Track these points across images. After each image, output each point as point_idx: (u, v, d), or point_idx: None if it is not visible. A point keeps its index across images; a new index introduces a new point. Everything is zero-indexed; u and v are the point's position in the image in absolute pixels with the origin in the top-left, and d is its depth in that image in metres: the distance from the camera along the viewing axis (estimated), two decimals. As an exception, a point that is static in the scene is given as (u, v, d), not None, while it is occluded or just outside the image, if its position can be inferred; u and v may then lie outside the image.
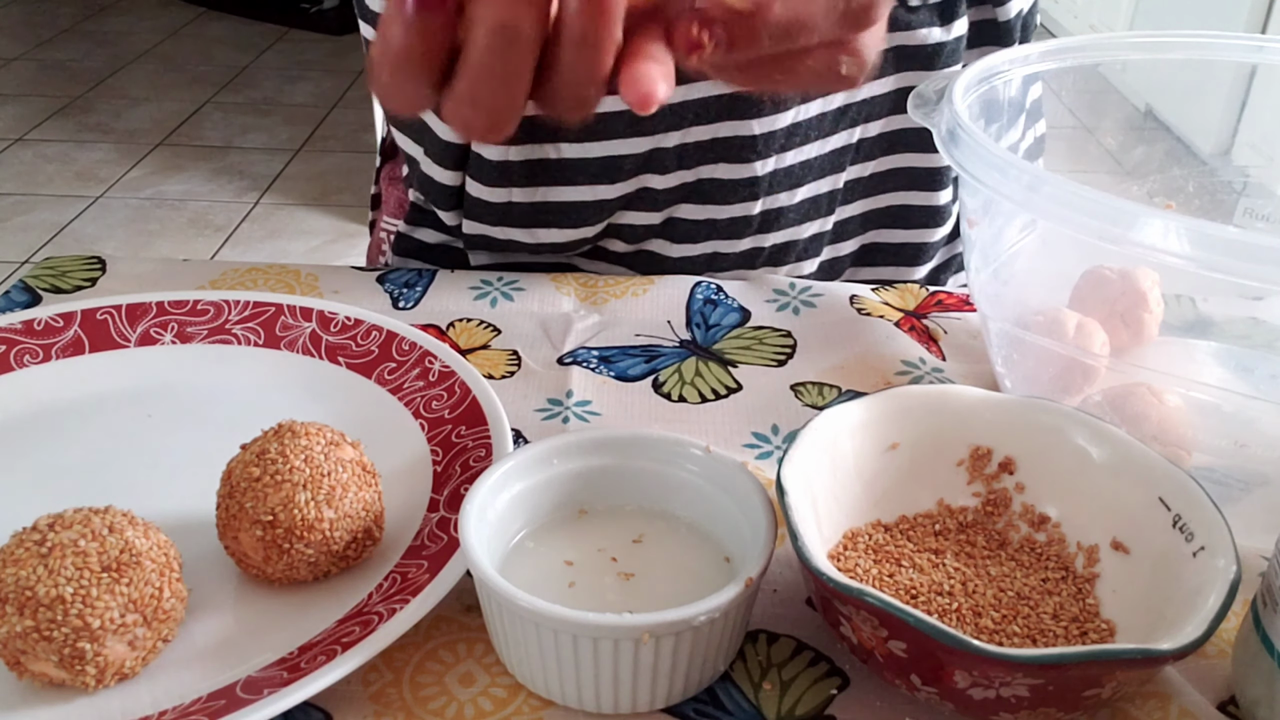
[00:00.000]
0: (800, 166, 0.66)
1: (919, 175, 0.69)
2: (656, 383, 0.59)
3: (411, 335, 0.58)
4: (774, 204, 0.67)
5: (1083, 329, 0.53)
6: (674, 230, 0.68)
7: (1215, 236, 0.41)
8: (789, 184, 0.67)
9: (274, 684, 0.39)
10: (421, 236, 0.74)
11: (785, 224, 0.69)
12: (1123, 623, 0.42)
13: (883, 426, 0.46)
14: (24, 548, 0.39)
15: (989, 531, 0.46)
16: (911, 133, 0.68)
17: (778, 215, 0.68)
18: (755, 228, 0.68)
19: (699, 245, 0.69)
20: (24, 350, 0.57)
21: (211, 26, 3.76)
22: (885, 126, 0.68)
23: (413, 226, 0.74)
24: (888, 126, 0.68)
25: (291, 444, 0.44)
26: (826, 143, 0.66)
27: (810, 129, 0.65)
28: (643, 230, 0.68)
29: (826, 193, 0.69)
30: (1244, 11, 2.59)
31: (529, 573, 0.43)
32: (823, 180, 0.68)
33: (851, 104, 0.66)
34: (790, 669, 0.42)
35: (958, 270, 0.76)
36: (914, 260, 0.73)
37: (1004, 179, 0.47)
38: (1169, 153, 0.66)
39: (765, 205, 0.67)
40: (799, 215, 0.69)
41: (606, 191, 0.65)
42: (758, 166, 0.65)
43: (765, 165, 0.65)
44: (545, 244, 0.68)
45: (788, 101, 0.63)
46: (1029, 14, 0.70)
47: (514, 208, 0.66)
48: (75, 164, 2.77)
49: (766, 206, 0.67)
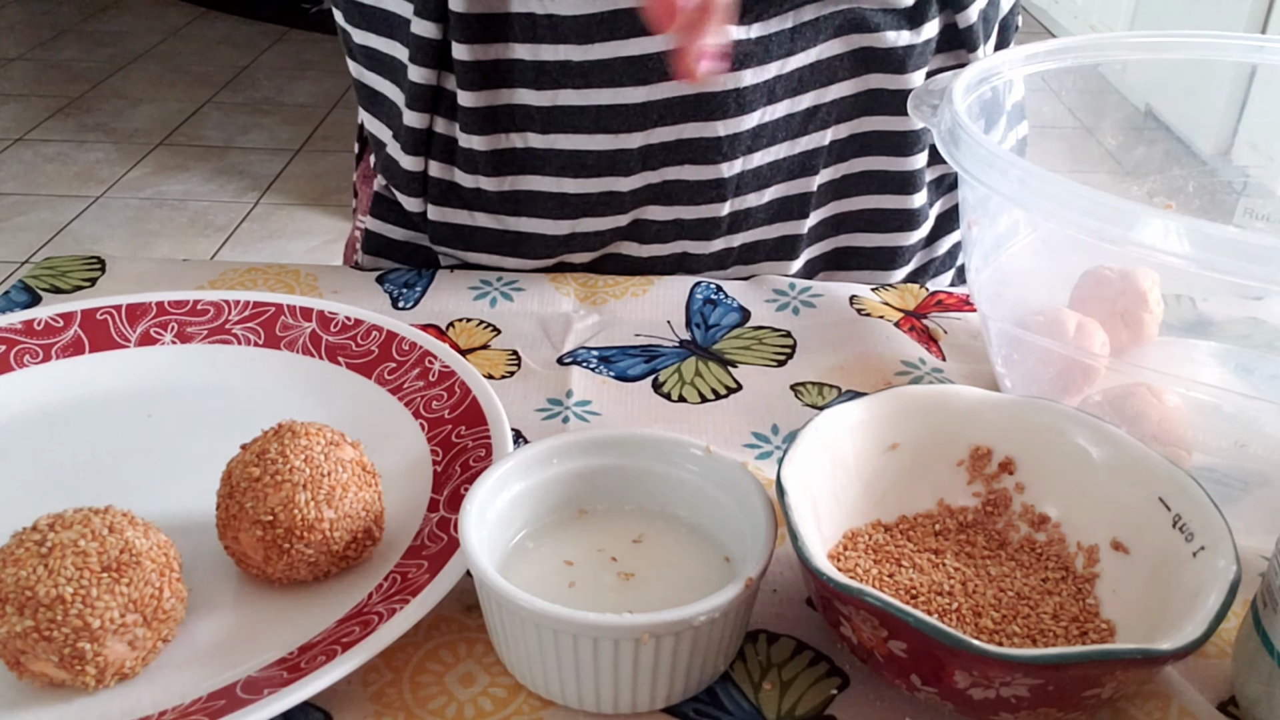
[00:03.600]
0: (769, 168, 0.66)
1: (891, 178, 0.69)
2: (656, 383, 0.59)
3: (411, 335, 0.58)
4: (742, 205, 0.67)
5: (1083, 329, 0.53)
6: (642, 231, 0.68)
7: (1215, 236, 0.41)
8: (757, 185, 0.67)
9: (274, 684, 0.39)
10: (388, 233, 0.73)
11: (754, 224, 0.69)
12: (1123, 623, 0.42)
13: (883, 426, 0.46)
14: (24, 548, 0.39)
15: (989, 531, 0.46)
16: (882, 135, 0.68)
17: (746, 216, 0.68)
18: (725, 229, 0.68)
19: (668, 245, 0.68)
20: (24, 350, 0.57)
21: (211, 26, 3.76)
22: (855, 129, 0.67)
23: (381, 222, 0.73)
24: (858, 129, 0.67)
25: (291, 444, 0.44)
26: (795, 144, 0.66)
27: (778, 130, 0.65)
28: (609, 234, 0.68)
29: (798, 195, 0.68)
30: (1244, 11, 2.59)
31: (529, 573, 0.43)
32: (793, 182, 0.68)
33: (820, 105, 0.65)
34: (790, 669, 0.42)
35: (935, 274, 0.76)
36: (889, 264, 0.73)
37: (1004, 179, 0.47)
38: (1169, 153, 0.66)
39: (734, 206, 0.67)
40: (767, 215, 0.69)
41: (572, 185, 0.65)
42: (724, 168, 0.65)
43: (732, 167, 0.65)
44: (514, 232, 0.68)
45: (752, 103, 0.63)
46: (1009, 14, 0.70)
47: (482, 194, 0.66)
48: (75, 164, 2.77)
49: (735, 208, 0.67)
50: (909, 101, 0.56)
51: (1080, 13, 3.53)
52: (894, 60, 0.65)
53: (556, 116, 0.63)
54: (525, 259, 0.69)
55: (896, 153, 0.68)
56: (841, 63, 0.64)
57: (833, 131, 0.67)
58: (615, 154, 0.64)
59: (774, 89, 0.63)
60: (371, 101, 0.69)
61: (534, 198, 0.66)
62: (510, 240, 0.68)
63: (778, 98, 0.64)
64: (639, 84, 0.62)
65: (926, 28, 0.65)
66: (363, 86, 0.69)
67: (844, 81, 0.65)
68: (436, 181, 0.67)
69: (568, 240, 0.68)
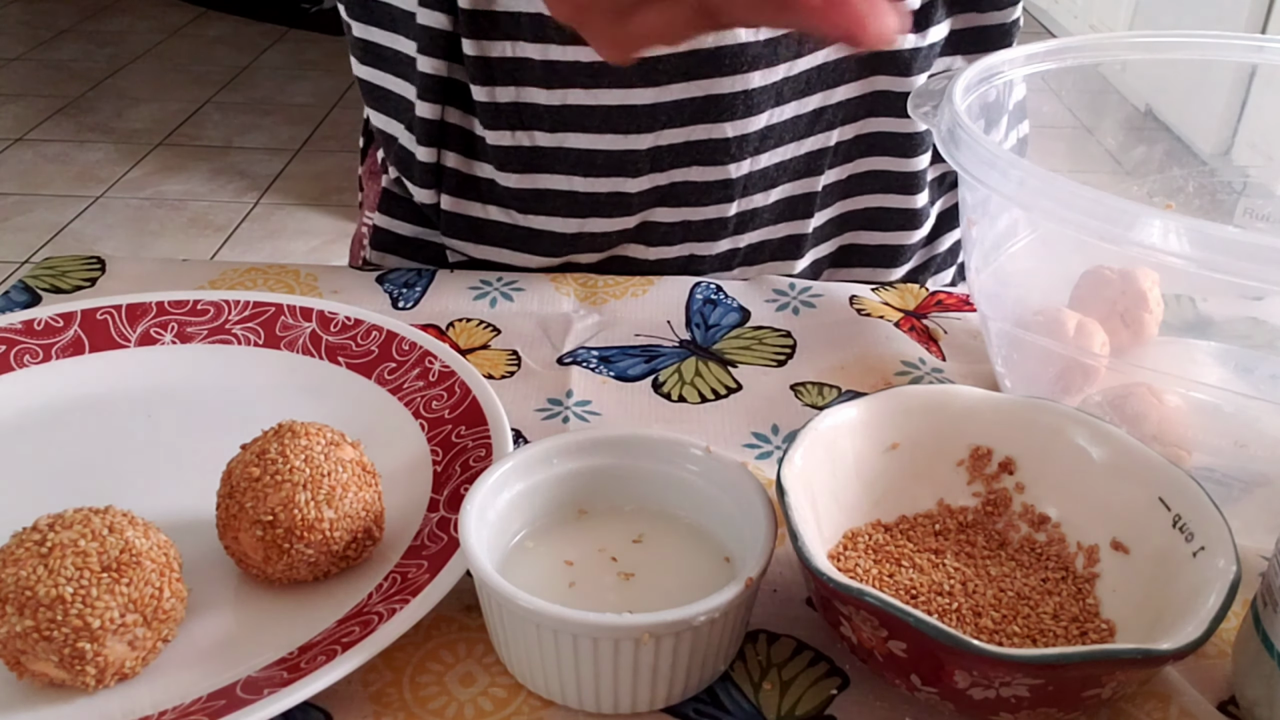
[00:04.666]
0: (775, 168, 0.67)
1: (894, 178, 0.70)
2: (656, 383, 0.59)
3: (411, 335, 0.58)
4: (749, 205, 0.68)
5: (1083, 329, 0.53)
6: (649, 234, 0.68)
7: (1215, 236, 0.41)
8: (764, 185, 0.67)
9: (274, 684, 0.39)
10: (397, 229, 0.73)
11: (760, 224, 0.69)
12: (1123, 623, 0.42)
13: (883, 426, 0.46)
14: (24, 548, 0.39)
15: (989, 531, 0.46)
16: (887, 136, 0.68)
17: (753, 216, 0.68)
18: (731, 229, 0.68)
19: (675, 248, 0.69)
20: (24, 350, 0.57)
21: (211, 26, 3.76)
22: (861, 130, 0.68)
23: (389, 218, 0.73)
24: (863, 130, 0.68)
25: (291, 444, 0.44)
26: (801, 145, 0.67)
27: (785, 131, 0.66)
28: (615, 236, 0.68)
29: (803, 194, 0.69)
30: (1244, 11, 2.59)
31: (529, 573, 0.43)
32: (799, 182, 0.68)
33: (826, 107, 0.66)
34: (790, 669, 0.42)
35: (936, 271, 0.77)
36: (891, 262, 0.73)
37: (1004, 179, 0.47)
38: (1169, 153, 0.66)
39: (740, 207, 0.67)
40: (774, 215, 0.69)
41: (581, 184, 0.65)
42: (732, 169, 0.65)
43: (740, 168, 0.65)
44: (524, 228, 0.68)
45: (760, 105, 0.63)
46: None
47: (496, 187, 0.67)
48: (75, 164, 2.77)
49: (742, 208, 0.68)
50: (909, 101, 0.56)
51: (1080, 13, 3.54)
52: (900, 62, 0.65)
53: (565, 116, 0.63)
54: (534, 255, 0.69)
55: (901, 154, 0.69)
56: (848, 64, 0.65)
57: (839, 132, 0.67)
58: (624, 154, 0.64)
59: (781, 90, 0.64)
60: (376, 97, 0.69)
61: (544, 195, 0.66)
62: (521, 236, 0.68)
63: (785, 99, 0.64)
64: (649, 85, 0.62)
65: (933, 31, 0.66)
66: (367, 83, 0.69)
67: (850, 83, 0.66)
68: (453, 173, 0.67)
69: (575, 240, 0.68)
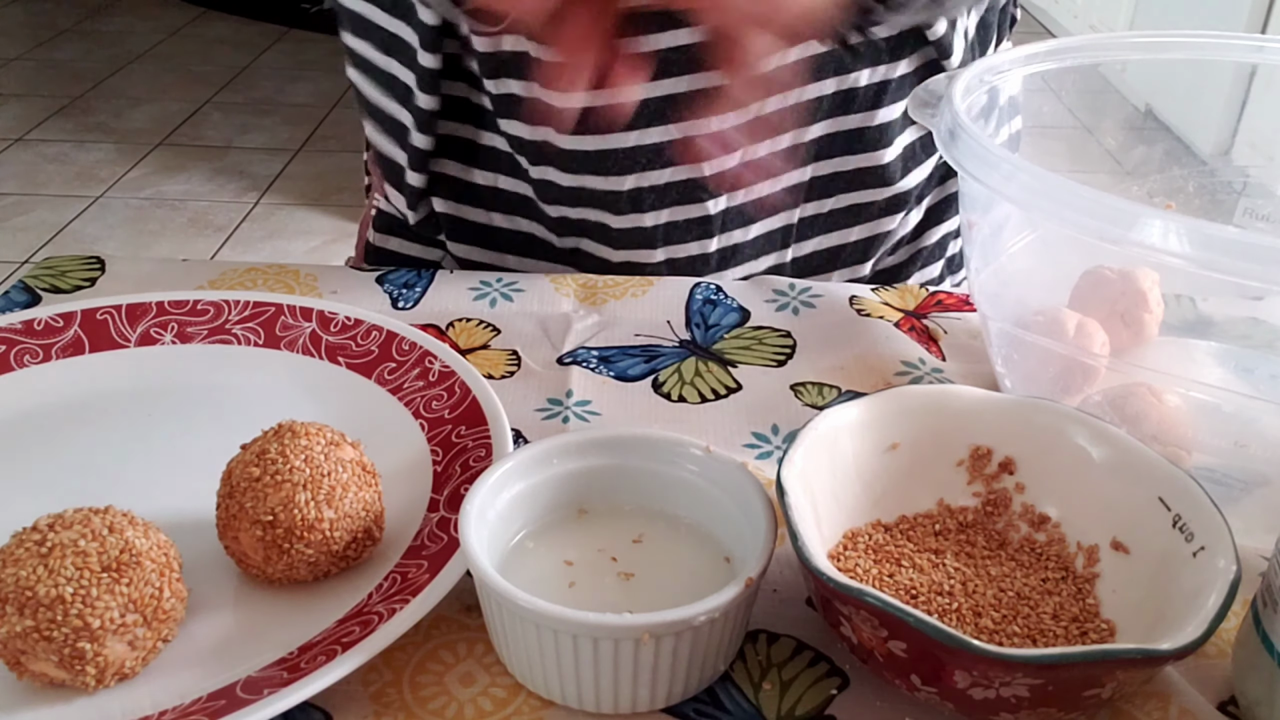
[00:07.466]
0: (752, 205, 0.68)
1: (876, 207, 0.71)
2: (656, 383, 0.59)
3: (411, 335, 0.58)
4: (729, 241, 0.69)
5: (1083, 329, 0.53)
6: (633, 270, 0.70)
7: (1215, 236, 0.41)
8: (742, 222, 0.68)
9: (274, 684, 0.39)
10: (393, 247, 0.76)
11: (741, 260, 0.70)
12: (1123, 623, 0.42)
13: (883, 426, 0.46)
14: (24, 548, 0.39)
15: (989, 531, 0.46)
16: (865, 171, 0.69)
17: (734, 252, 0.70)
18: (713, 266, 0.70)
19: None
20: (24, 350, 0.57)
21: (211, 26, 3.76)
22: (839, 166, 0.68)
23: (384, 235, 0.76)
24: (841, 166, 0.68)
25: (291, 444, 0.44)
26: (777, 181, 0.68)
27: None
28: (600, 266, 0.70)
29: (780, 228, 0.70)
30: (1244, 11, 2.60)
31: (529, 573, 0.43)
32: (775, 217, 0.69)
33: (801, 144, 0.67)
34: (790, 669, 0.42)
35: (924, 265, 0.77)
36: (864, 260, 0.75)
37: (1005, 179, 0.47)
38: (1169, 153, 0.66)
39: (721, 243, 0.69)
40: (754, 250, 0.70)
41: (568, 212, 0.67)
42: (709, 205, 0.66)
43: (717, 204, 0.67)
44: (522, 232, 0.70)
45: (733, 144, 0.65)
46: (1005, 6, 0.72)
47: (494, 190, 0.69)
48: (75, 164, 2.77)
49: (722, 244, 0.69)
50: (909, 102, 0.56)
51: (1080, 13, 3.54)
52: (868, 98, 0.66)
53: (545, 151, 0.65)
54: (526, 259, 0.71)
55: (881, 185, 0.69)
56: (819, 104, 0.65)
57: (814, 169, 0.68)
58: (605, 194, 0.66)
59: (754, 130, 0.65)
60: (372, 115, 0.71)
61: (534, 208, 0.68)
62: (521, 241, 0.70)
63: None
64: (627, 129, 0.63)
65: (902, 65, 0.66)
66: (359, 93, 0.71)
67: (822, 121, 0.66)
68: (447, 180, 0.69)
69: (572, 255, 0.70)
